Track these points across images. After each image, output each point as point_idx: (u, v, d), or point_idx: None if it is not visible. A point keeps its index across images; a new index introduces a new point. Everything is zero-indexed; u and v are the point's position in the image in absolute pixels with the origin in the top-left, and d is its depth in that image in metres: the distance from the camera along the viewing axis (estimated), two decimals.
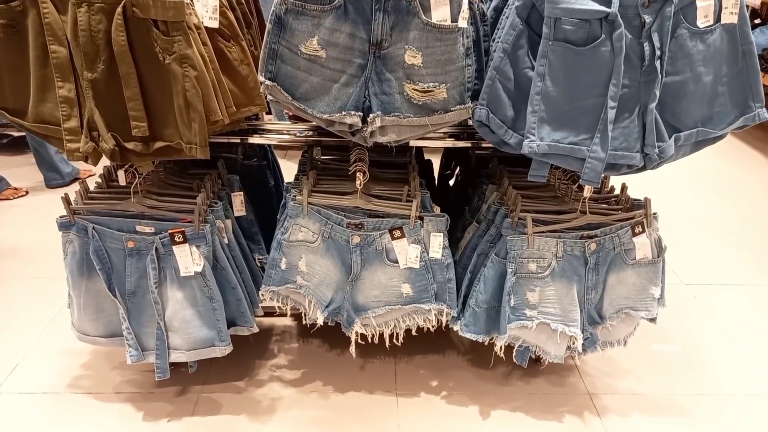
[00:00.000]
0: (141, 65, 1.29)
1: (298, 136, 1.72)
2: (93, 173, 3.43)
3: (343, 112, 1.40)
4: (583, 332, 1.65)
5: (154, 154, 1.40)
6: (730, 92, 1.33)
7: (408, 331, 1.77)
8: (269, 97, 1.43)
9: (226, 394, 1.84)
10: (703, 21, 1.24)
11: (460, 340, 2.07)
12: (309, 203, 1.60)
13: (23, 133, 1.52)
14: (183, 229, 1.53)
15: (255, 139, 1.72)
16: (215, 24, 1.36)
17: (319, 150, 1.92)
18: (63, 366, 1.92)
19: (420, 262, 1.62)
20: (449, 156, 2.31)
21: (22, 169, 3.51)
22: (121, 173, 1.54)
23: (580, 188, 1.59)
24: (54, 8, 1.26)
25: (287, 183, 1.75)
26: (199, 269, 1.56)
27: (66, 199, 1.54)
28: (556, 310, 1.62)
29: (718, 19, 1.26)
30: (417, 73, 1.37)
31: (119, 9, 1.22)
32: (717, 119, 1.35)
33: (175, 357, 1.67)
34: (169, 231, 1.53)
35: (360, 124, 1.41)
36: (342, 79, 1.40)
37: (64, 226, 1.56)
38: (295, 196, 1.61)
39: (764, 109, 1.34)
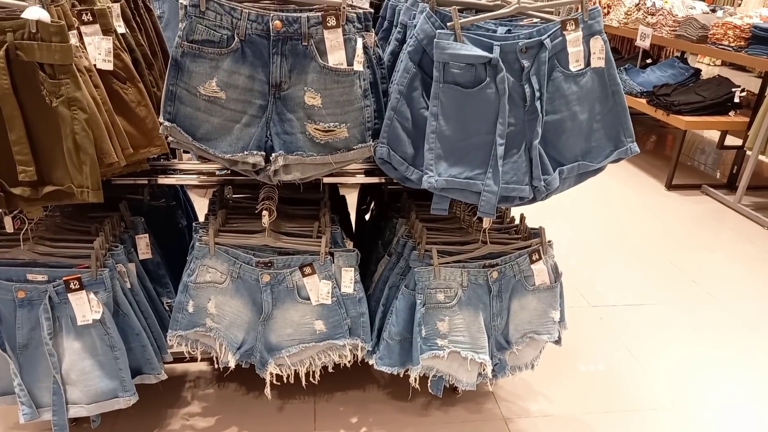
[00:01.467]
0: (27, 108, 1.24)
1: (207, 177, 1.71)
2: None
3: (246, 152, 1.41)
4: (492, 358, 1.71)
5: (44, 199, 1.34)
6: (604, 128, 1.46)
7: (325, 368, 1.76)
8: (170, 138, 1.42)
9: None
10: (575, 65, 1.37)
11: (381, 374, 2.08)
12: (216, 243, 1.58)
13: None
14: (79, 275, 1.46)
15: (163, 180, 1.69)
16: (109, 66, 1.35)
17: (230, 189, 1.90)
18: None
19: (332, 297, 1.63)
20: (365, 191, 2.36)
21: None
22: (7, 219, 1.46)
23: (481, 220, 1.66)
24: None
25: (195, 223, 1.72)
26: (98, 317, 1.49)
27: None
28: (465, 338, 1.67)
29: (588, 63, 1.39)
30: (317, 114, 1.41)
31: (1, 52, 1.18)
32: (595, 153, 1.47)
33: (75, 411, 1.57)
34: (64, 278, 1.46)
35: (263, 163, 1.42)
36: (243, 120, 1.41)
37: None
38: (201, 236, 1.59)
39: (635, 143, 1.47)
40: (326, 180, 1.73)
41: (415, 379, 1.71)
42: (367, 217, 2.37)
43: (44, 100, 1.23)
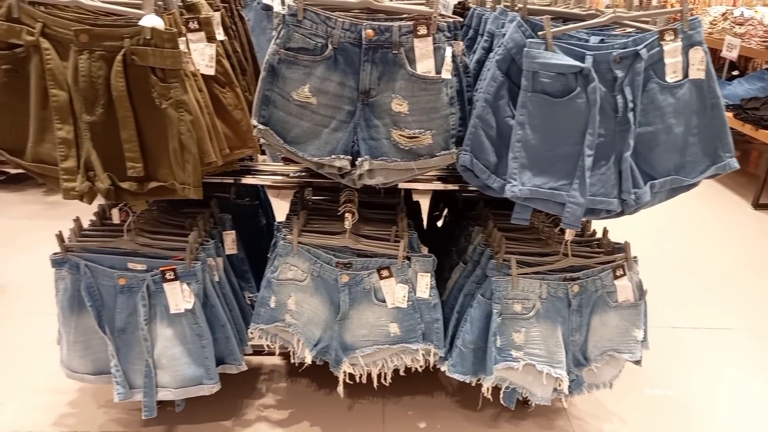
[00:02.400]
0: (138, 109, 1.35)
1: (291, 177, 1.78)
2: None
3: (333, 156, 1.45)
4: (568, 374, 1.67)
5: (148, 194, 1.44)
6: (700, 142, 1.40)
7: (396, 371, 1.78)
8: (262, 141, 1.49)
9: None
10: (672, 76, 1.32)
11: (449, 381, 2.08)
12: (299, 242, 1.64)
13: (20, 171, 1.57)
14: (174, 266, 1.56)
15: (247, 180, 1.77)
16: (211, 71, 1.43)
17: (310, 190, 1.97)
18: (49, 403, 1.91)
19: (407, 301, 1.65)
20: (437, 198, 2.37)
21: (20, 208, 3.54)
22: (114, 212, 1.58)
23: (562, 231, 1.63)
24: (56, 54, 1.33)
25: (278, 222, 1.79)
26: (190, 306, 1.58)
27: (59, 237, 1.57)
28: (541, 351, 1.64)
29: (686, 74, 1.34)
30: (403, 120, 1.43)
31: (119, 56, 1.29)
32: (689, 168, 1.41)
33: (163, 395, 1.67)
34: (161, 268, 1.56)
35: (349, 167, 1.46)
36: (332, 125, 1.46)
37: (57, 263, 1.59)
38: (285, 235, 1.65)
39: (734, 158, 1.40)
40: (402, 185, 1.75)
41: (488, 389, 1.70)
42: (439, 223, 2.37)
43: (154, 103, 1.33)
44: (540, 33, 1.33)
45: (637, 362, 1.74)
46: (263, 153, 1.84)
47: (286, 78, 1.41)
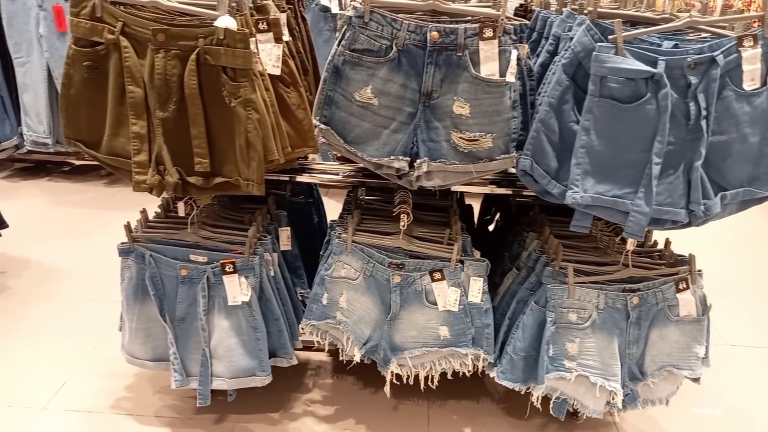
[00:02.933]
0: (208, 106, 1.39)
1: (343, 176, 1.80)
2: None
3: (392, 157, 1.46)
4: (623, 388, 1.62)
5: (213, 189, 1.49)
6: None
7: (443, 374, 1.77)
8: (321, 140, 1.52)
9: (261, 424, 1.87)
10: (749, 84, 1.27)
11: (495, 388, 2.05)
12: (353, 241, 1.66)
13: (84, 162, 1.63)
14: (234, 259, 1.61)
15: (303, 178, 1.80)
16: (277, 71, 1.47)
17: (363, 190, 1.99)
18: (108, 387, 1.99)
19: (459, 305, 1.64)
20: (489, 202, 2.35)
21: (82, 197, 3.72)
22: (180, 204, 1.64)
23: (623, 241, 1.59)
24: (134, 52, 1.39)
25: (332, 221, 1.82)
26: (247, 299, 1.62)
27: (128, 227, 1.64)
28: (596, 363, 1.60)
29: (764, 82, 1.28)
30: (464, 123, 1.43)
31: (193, 56, 1.34)
32: (764, 179, 1.35)
33: (217, 384, 1.72)
34: (221, 261, 1.61)
35: (407, 169, 1.47)
36: (392, 126, 1.47)
37: (123, 252, 1.66)
38: (340, 233, 1.67)
39: None
40: (455, 188, 1.75)
41: (538, 398, 1.67)
42: (490, 228, 2.35)
43: (224, 101, 1.37)
44: (610, 37, 1.30)
45: (696, 380, 1.67)
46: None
47: (349, 79, 1.43)
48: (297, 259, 1.95)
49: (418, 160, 1.46)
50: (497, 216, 2.31)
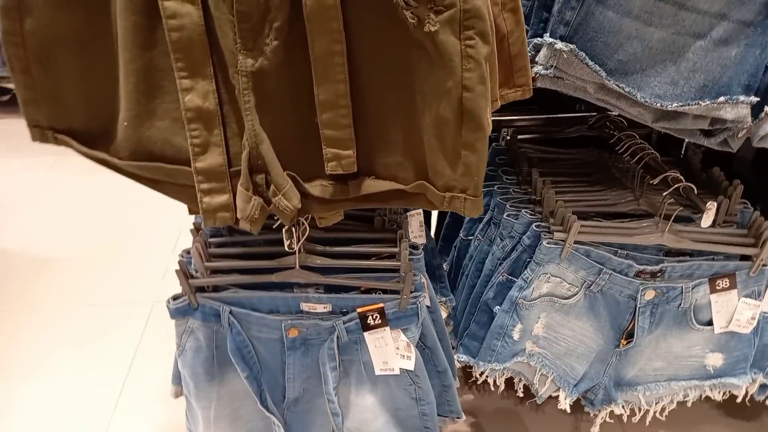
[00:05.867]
0: (358, 38, 0.61)
1: None
2: None
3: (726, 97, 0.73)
4: None
5: (357, 201, 0.74)
6: None
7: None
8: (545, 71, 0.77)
9: None
10: None
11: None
12: (575, 242, 0.97)
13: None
14: (381, 304, 0.91)
15: None
16: None
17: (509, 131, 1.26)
18: None
19: (753, 322, 1.02)
20: None
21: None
22: (287, 234, 0.87)
23: None
24: None
25: (511, 205, 1.10)
26: (410, 365, 0.96)
27: (182, 269, 0.89)
28: None
29: None
30: None
31: None
32: None
33: None
34: (358, 310, 0.91)
35: (748, 120, 0.75)
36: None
37: (179, 312, 0.93)
38: (550, 231, 0.98)
39: None
40: None
41: None
42: None
43: (401, 24, 0.59)
44: None
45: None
46: None
47: None
48: (434, 256, 1.25)
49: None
50: None
